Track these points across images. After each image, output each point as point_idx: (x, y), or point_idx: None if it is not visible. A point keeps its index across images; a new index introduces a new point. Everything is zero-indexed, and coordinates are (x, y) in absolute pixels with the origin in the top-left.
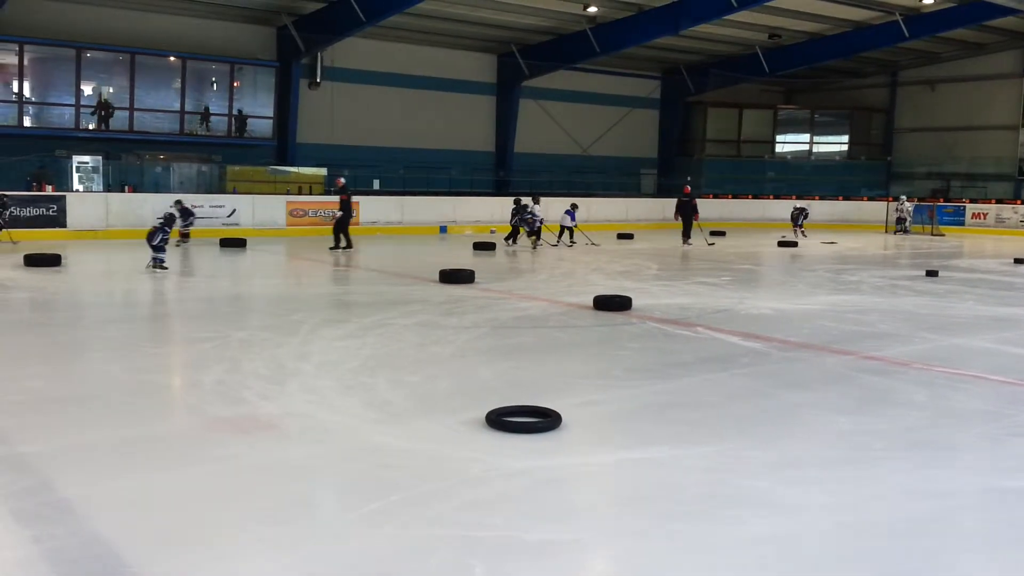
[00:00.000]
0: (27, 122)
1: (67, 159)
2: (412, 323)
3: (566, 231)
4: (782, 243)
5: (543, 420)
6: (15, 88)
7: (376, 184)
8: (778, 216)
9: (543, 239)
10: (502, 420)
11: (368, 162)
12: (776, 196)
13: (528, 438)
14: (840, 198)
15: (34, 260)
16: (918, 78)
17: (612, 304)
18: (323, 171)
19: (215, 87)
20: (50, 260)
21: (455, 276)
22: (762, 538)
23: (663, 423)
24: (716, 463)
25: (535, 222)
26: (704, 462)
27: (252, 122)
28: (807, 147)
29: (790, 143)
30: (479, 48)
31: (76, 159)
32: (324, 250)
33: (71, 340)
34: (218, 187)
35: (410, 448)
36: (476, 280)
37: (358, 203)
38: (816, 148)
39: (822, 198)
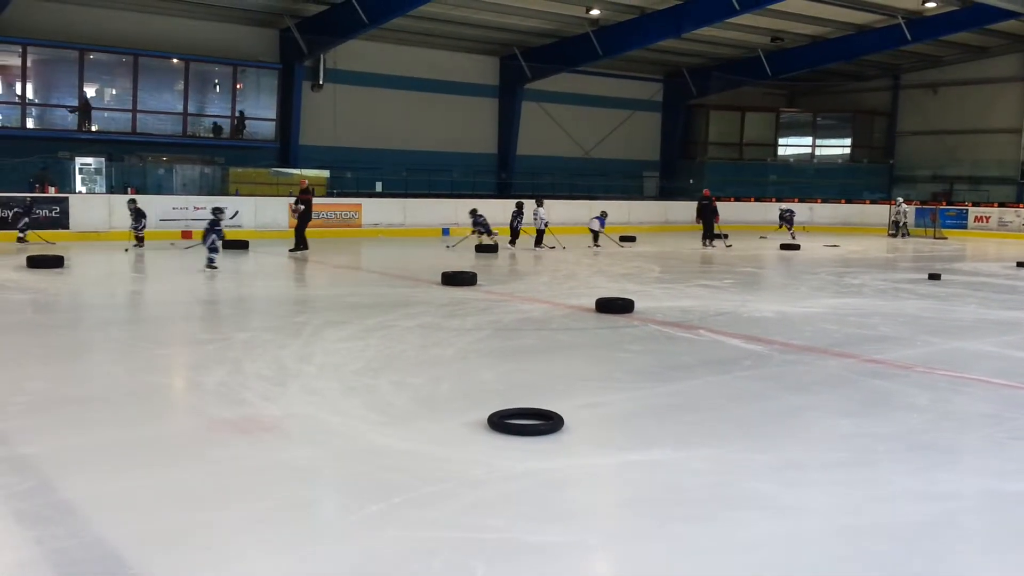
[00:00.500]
0: (30, 124)
1: (70, 161)
2: (414, 325)
3: (592, 235)
4: (784, 246)
5: (545, 422)
6: (18, 90)
7: (379, 186)
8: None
9: (544, 243)
10: (504, 422)
11: (370, 164)
12: (778, 199)
13: (530, 440)
14: (843, 201)
15: (37, 262)
16: (920, 81)
17: (614, 307)
18: (326, 173)
19: (218, 89)
20: (53, 262)
21: (457, 278)
22: (764, 540)
23: (665, 425)
24: (718, 465)
25: (540, 224)
26: (706, 464)
27: (255, 124)
28: (809, 150)
29: (792, 146)
30: (481, 50)
31: (79, 161)
32: (326, 252)
33: (73, 341)
34: (220, 189)
35: (412, 450)
36: (478, 282)
37: (360, 205)
38: (818, 151)
39: (824, 201)
